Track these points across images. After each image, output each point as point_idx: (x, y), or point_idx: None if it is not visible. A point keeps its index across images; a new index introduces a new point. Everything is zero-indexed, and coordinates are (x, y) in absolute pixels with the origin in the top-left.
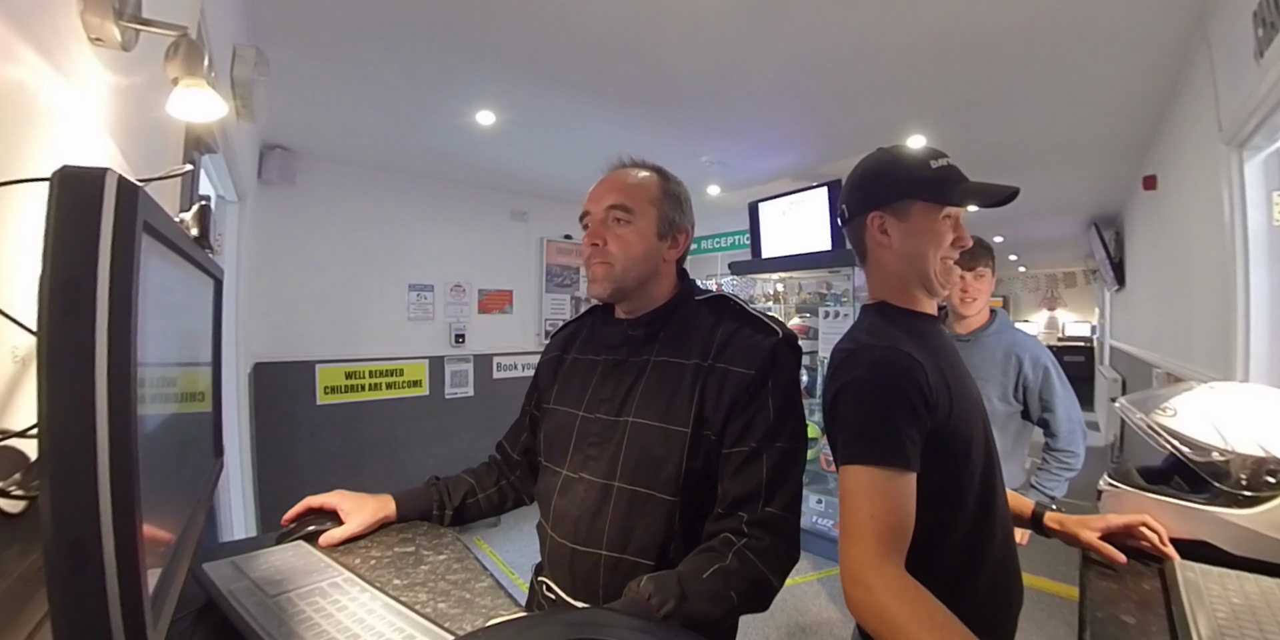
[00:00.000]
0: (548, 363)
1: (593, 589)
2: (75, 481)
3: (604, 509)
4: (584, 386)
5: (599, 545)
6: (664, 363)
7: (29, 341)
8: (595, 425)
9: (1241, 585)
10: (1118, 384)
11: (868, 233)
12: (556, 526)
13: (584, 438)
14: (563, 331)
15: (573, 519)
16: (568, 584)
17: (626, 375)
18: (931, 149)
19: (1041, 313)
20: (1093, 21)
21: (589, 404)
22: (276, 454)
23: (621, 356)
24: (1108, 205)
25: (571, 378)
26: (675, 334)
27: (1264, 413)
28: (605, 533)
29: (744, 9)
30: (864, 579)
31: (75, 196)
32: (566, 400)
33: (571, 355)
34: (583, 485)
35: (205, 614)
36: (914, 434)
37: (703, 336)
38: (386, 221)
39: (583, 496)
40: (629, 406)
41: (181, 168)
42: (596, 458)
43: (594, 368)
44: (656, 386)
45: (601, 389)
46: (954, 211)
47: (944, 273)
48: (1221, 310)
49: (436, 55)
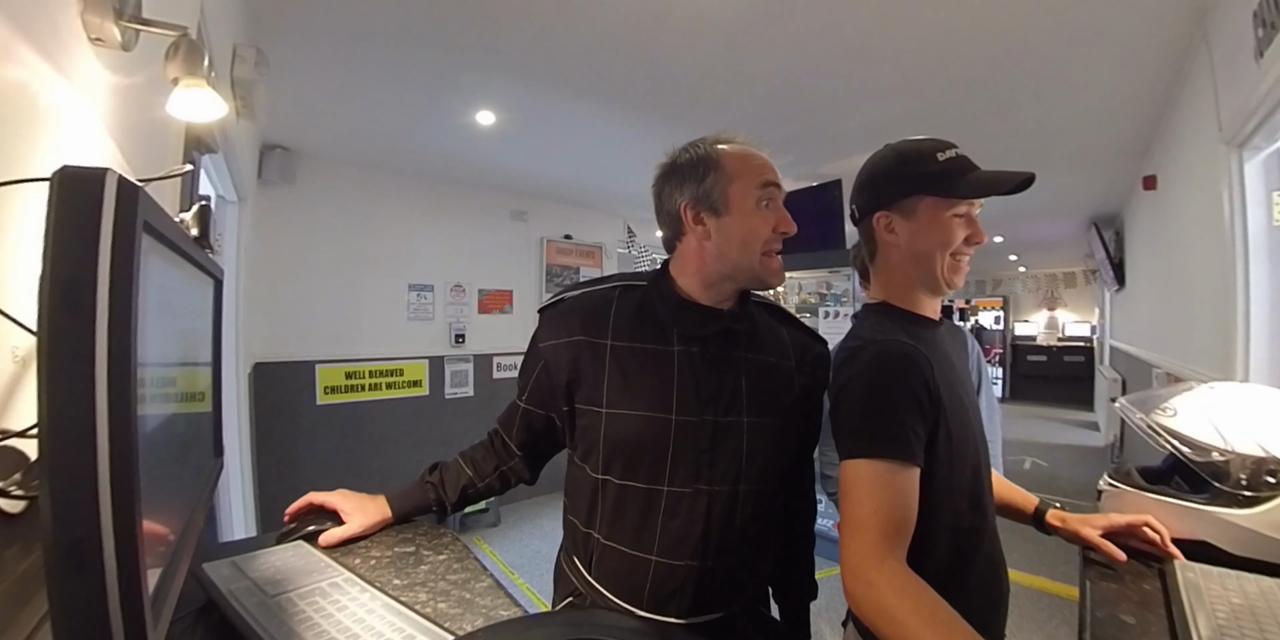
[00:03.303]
0: (563, 349)
1: (718, 600)
2: (75, 481)
3: (733, 517)
4: (663, 383)
5: (731, 553)
6: (764, 361)
7: (29, 341)
8: (704, 429)
9: (1241, 585)
10: (1118, 384)
11: (876, 233)
12: (670, 549)
13: (691, 445)
14: (566, 309)
15: (697, 537)
16: (687, 607)
17: (729, 371)
18: (939, 140)
19: (1041, 313)
20: (1093, 21)
21: (684, 406)
22: (276, 454)
23: (718, 350)
24: (1108, 205)
25: (628, 372)
26: (753, 331)
27: (1264, 413)
28: (743, 537)
29: (744, 9)
30: (865, 574)
31: (75, 196)
32: (635, 401)
33: (610, 342)
34: (704, 499)
35: (205, 614)
36: (918, 428)
37: (777, 338)
38: (386, 221)
39: (706, 508)
40: (739, 405)
41: (181, 168)
42: (713, 465)
43: (667, 360)
44: (766, 385)
45: (700, 387)
46: (966, 209)
47: (952, 270)
48: (1221, 310)
49: (436, 55)
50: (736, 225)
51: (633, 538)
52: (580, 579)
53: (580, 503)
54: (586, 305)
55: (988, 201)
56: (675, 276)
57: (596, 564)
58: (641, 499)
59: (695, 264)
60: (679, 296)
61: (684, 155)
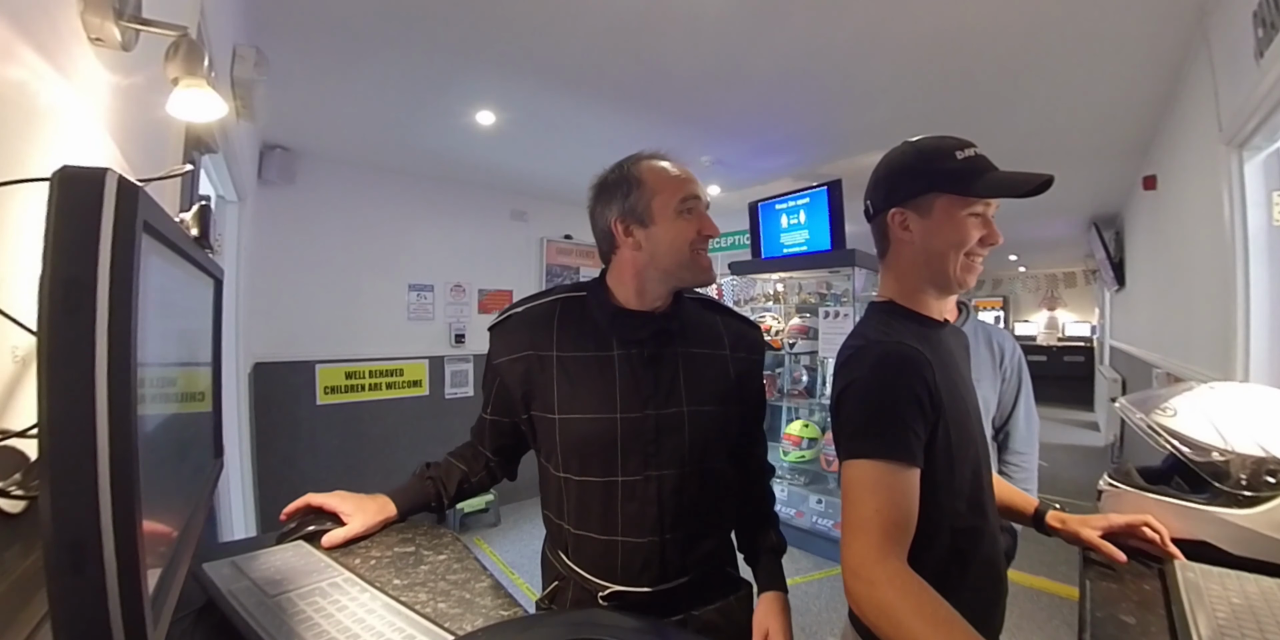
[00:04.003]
0: (515, 364)
1: (682, 567)
2: (75, 481)
3: (683, 496)
4: (606, 386)
5: (685, 526)
6: (698, 354)
7: (29, 341)
8: (648, 422)
9: (1241, 585)
10: (1118, 384)
11: (890, 230)
12: (632, 529)
13: (637, 438)
14: (513, 326)
15: (654, 517)
16: (655, 576)
17: (666, 367)
18: (959, 138)
19: (1041, 313)
20: (1093, 21)
21: (627, 404)
22: (276, 454)
23: (653, 350)
24: (1108, 205)
25: (574, 379)
26: (689, 326)
27: (1264, 413)
28: (695, 511)
29: (744, 10)
30: (866, 573)
31: (75, 196)
32: (583, 405)
33: (555, 354)
34: (654, 483)
35: (205, 614)
36: (919, 429)
37: (712, 329)
38: (386, 221)
39: (658, 491)
40: (678, 397)
41: (181, 168)
42: (659, 453)
43: (608, 364)
44: (701, 375)
45: (639, 385)
46: (982, 208)
47: (965, 270)
48: (1221, 310)
49: (436, 55)
50: (662, 232)
51: (599, 524)
52: (563, 566)
53: (550, 498)
54: (530, 320)
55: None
56: (611, 287)
57: (573, 551)
58: (600, 490)
59: (630, 272)
60: (615, 305)
61: (610, 176)
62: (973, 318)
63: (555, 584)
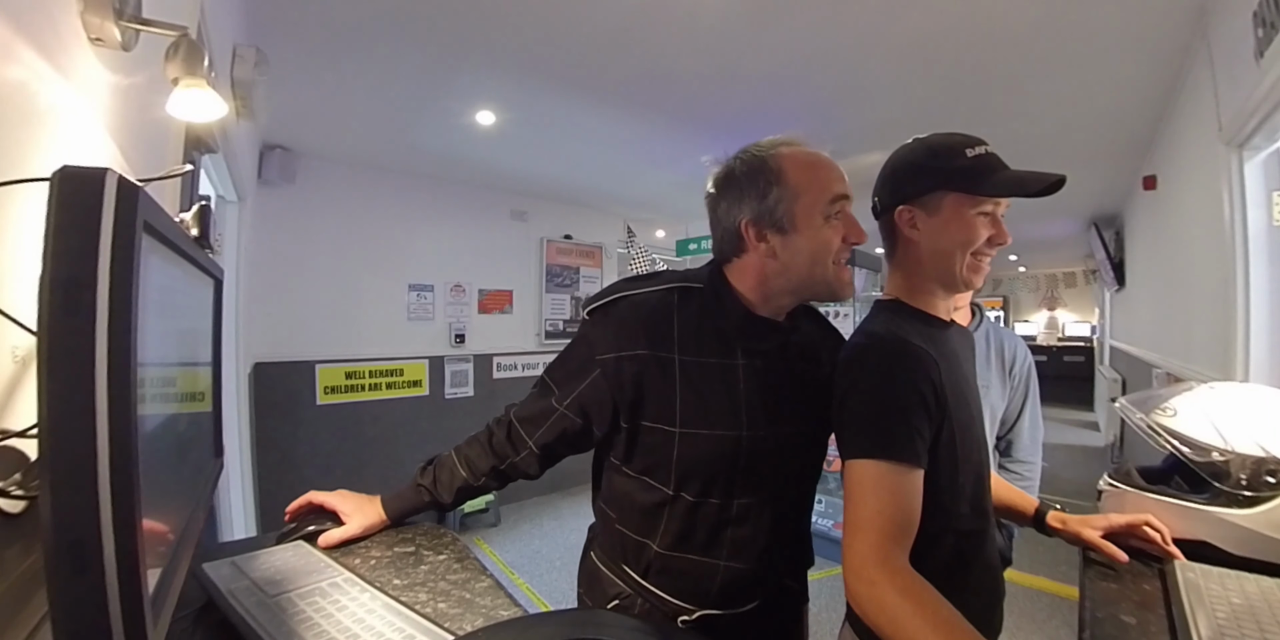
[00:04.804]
0: (625, 363)
1: (780, 589)
2: (75, 481)
3: (787, 520)
4: (732, 399)
5: (784, 551)
6: (812, 373)
7: (29, 341)
8: (769, 443)
9: (1241, 585)
10: (1118, 384)
11: (898, 227)
12: (739, 555)
13: (759, 458)
14: (623, 314)
15: (763, 543)
16: (739, 601)
17: (775, 381)
18: (969, 136)
19: (1041, 313)
20: (1093, 21)
21: (754, 421)
22: (276, 454)
23: (774, 362)
24: (1108, 205)
25: (698, 389)
26: (805, 342)
27: (1264, 413)
28: (797, 535)
29: (744, 8)
30: (868, 573)
31: (75, 196)
32: (708, 419)
33: (677, 356)
34: (768, 507)
35: (205, 614)
36: (923, 430)
37: (823, 346)
38: (386, 221)
39: (770, 517)
40: (794, 415)
41: (181, 168)
42: (775, 475)
43: (731, 374)
44: (809, 392)
45: (766, 400)
46: (991, 208)
47: (972, 269)
48: (1221, 310)
49: (436, 55)
50: (805, 242)
51: (701, 546)
52: (631, 582)
53: (633, 514)
54: (643, 310)
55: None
56: (735, 285)
57: (657, 572)
58: (714, 513)
59: (755, 279)
60: (744, 308)
61: (741, 165)
62: (986, 321)
63: (617, 602)
